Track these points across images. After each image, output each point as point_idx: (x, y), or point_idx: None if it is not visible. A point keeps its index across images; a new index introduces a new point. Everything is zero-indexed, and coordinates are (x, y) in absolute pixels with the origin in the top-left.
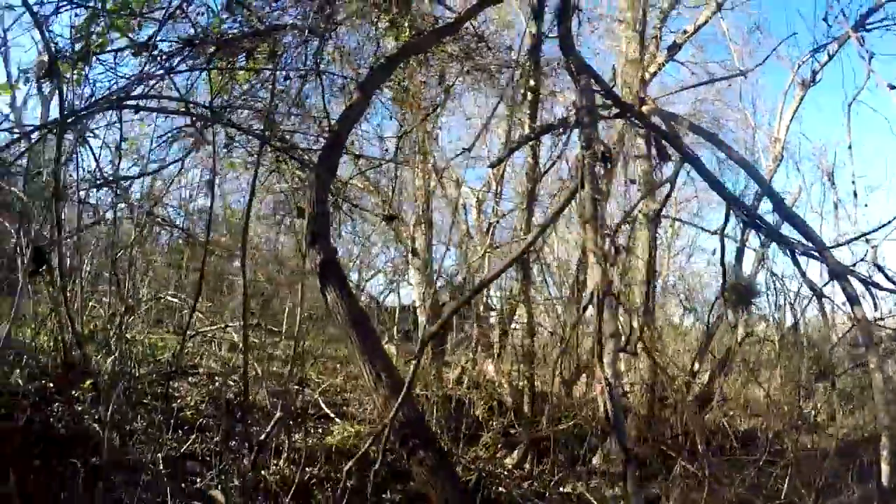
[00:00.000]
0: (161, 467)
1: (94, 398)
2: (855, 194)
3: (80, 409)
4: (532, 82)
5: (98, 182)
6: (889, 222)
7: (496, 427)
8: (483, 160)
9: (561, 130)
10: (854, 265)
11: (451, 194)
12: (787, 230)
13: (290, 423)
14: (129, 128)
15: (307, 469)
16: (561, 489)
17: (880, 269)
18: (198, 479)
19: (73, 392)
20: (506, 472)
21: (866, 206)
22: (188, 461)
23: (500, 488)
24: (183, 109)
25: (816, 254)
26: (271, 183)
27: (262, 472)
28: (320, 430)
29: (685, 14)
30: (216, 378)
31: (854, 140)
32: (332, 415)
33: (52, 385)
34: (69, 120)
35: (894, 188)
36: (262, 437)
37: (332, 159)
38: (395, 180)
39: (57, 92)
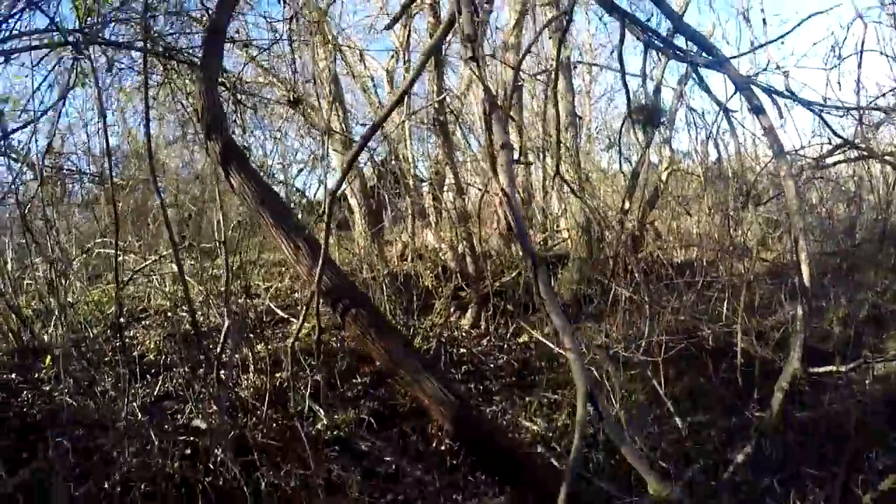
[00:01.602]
0: (140, 416)
1: (56, 374)
2: (764, 22)
3: (48, 388)
4: None
5: None
6: (786, 34)
7: (445, 293)
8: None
9: None
10: (755, 75)
11: (358, 71)
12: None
13: (249, 334)
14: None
15: (276, 374)
16: (518, 339)
17: (791, 93)
18: (178, 416)
19: (36, 374)
20: (463, 334)
21: (783, 43)
22: (164, 401)
23: (461, 349)
24: (56, 41)
25: (718, 66)
26: (171, 102)
27: (234, 388)
28: (280, 335)
29: None
30: (168, 314)
31: None
32: (287, 316)
33: (14, 375)
34: None
35: (809, 23)
36: (219, 352)
37: (215, 49)
38: (294, 62)
39: None
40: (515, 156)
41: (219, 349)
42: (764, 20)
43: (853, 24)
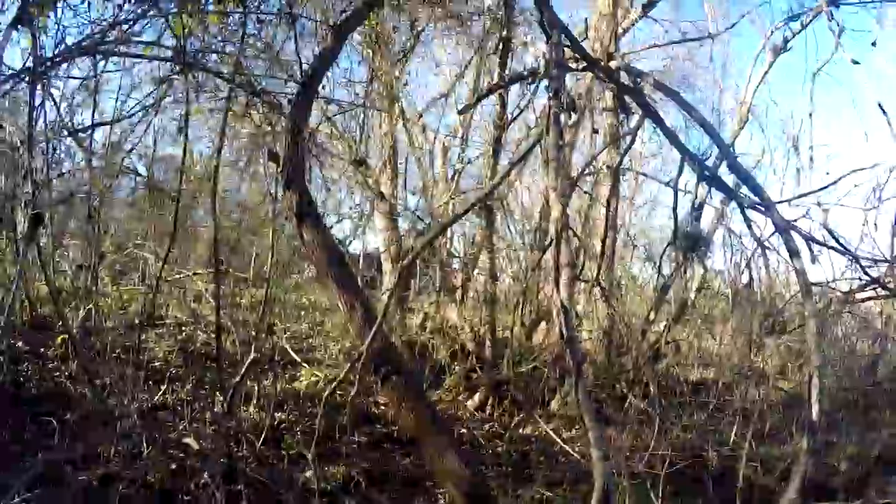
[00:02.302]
0: (135, 419)
1: (62, 355)
2: (811, 160)
3: (50, 365)
4: (504, 32)
5: (69, 130)
6: (831, 184)
7: (458, 371)
8: (450, 107)
9: (529, 80)
10: (796, 220)
11: (418, 141)
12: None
13: (260, 369)
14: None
15: (276, 414)
16: (521, 430)
17: (829, 230)
18: (171, 429)
19: (43, 349)
20: (468, 415)
21: (827, 173)
22: (160, 411)
23: (463, 429)
24: (157, 56)
25: (763, 208)
26: (238, 128)
27: (234, 417)
28: (287, 376)
29: None
30: (183, 328)
31: (820, 109)
32: (300, 360)
33: (20, 344)
34: (42, 68)
35: (853, 157)
36: (237, 380)
37: (306, 103)
38: (364, 125)
39: (31, 38)
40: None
41: (239, 377)
42: (811, 157)
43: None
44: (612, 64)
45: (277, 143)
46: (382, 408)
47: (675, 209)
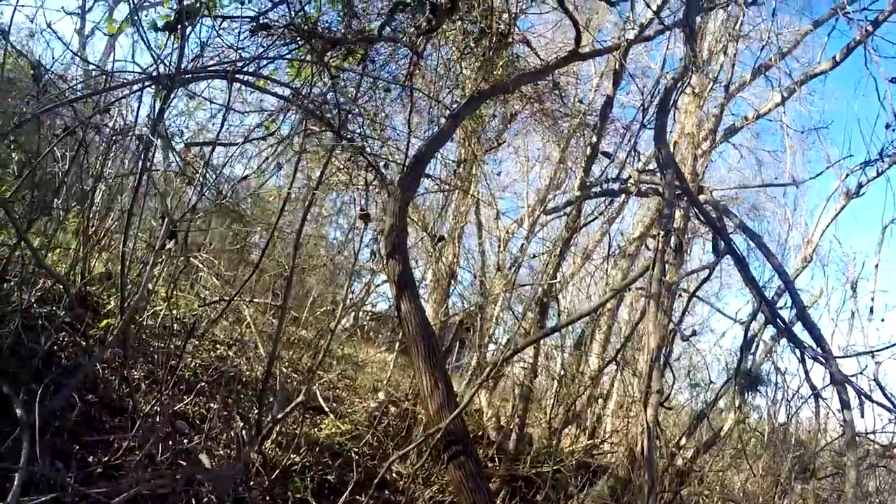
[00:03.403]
0: (157, 420)
1: (101, 338)
2: (871, 310)
3: (84, 344)
4: (594, 139)
5: (187, 142)
6: (892, 345)
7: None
8: (520, 196)
9: (617, 194)
10: (853, 376)
11: (487, 224)
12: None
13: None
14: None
15: (292, 455)
16: None
17: (879, 384)
18: (185, 440)
19: (82, 326)
20: None
21: (883, 321)
22: (179, 420)
23: None
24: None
25: (823, 359)
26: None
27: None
28: (308, 422)
29: (747, 96)
30: (219, 346)
31: (885, 258)
32: (326, 409)
33: (63, 313)
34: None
35: None
36: (280, 417)
37: (417, 178)
38: (447, 204)
39: (177, 46)
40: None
41: (281, 416)
42: (871, 308)
43: None
44: (702, 197)
45: (366, 202)
46: (394, 475)
47: (742, 349)
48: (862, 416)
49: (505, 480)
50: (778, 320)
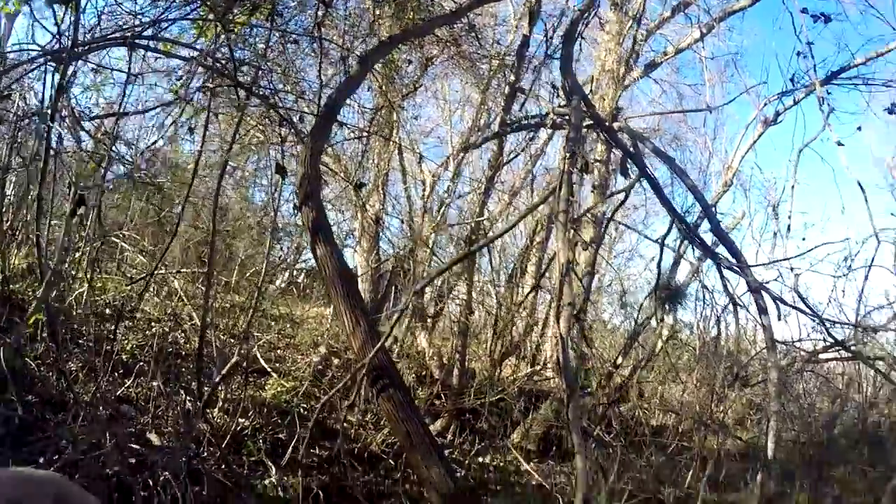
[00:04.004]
0: (99, 409)
1: (32, 335)
2: (788, 228)
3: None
4: (513, 78)
5: (90, 116)
6: (804, 252)
7: (422, 396)
8: (445, 142)
9: (533, 129)
10: (767, 282)
11: (411, 170)
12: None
13: (227, 374)
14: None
15: (240, 420)
16: (480, 459)
17: (798, 294)
18: (133, 423)
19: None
20: None
21: (803, 240)
22: (123, 404)
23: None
24: (190, 56)
25: (738, 269)
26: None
27: (204, 419)
28: (254, 384)
29: (667, 33)
30: (154, 324)
31: (803, 180)
32: (269, 370)
33: None
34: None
35: (829, 227)
36: (216, 381)
37: (327, 127)
38: (367, 150)
39: (72, 19)
40: None
41: (217, 379)
42: (789, 226)
43: (867, 241)
44: (616, 124)
45: (283, 157)
46: (345, 424)
47: (659, 264)
48: (779, 319)
49: (452, 414)
50: (693, 235)
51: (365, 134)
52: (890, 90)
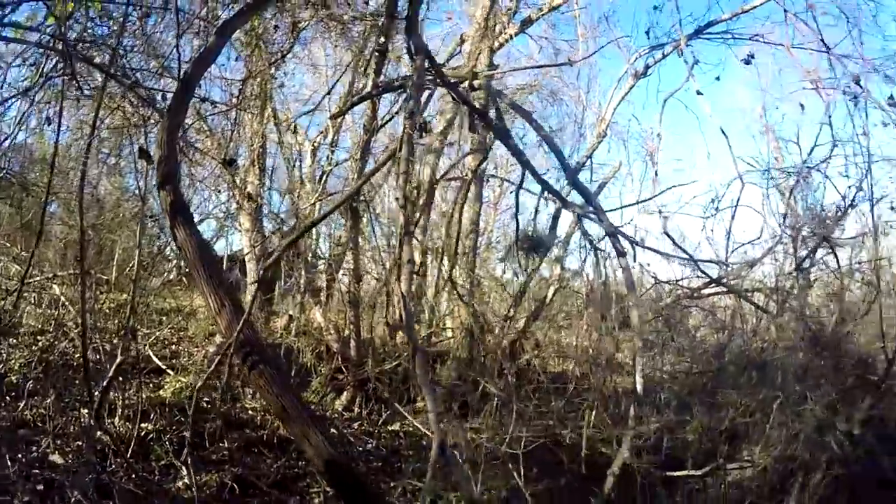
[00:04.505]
0: None
1: None
2: (656, 174)
3: None
4: (382, 40)
5: None
6: (654, 196)
7: (324, 372)
8: (324, 109)
9: (400, 91)
10: (622, 226)
11: (288, 141)
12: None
13: (121, 378)
14: None
15: (143, 424)
16: (388, 427)
17: (668, 235)
18: (34, 447)
19: None
20: (336, 415)
21: (681, 185)
22: (20, 430)
23: (332, 430)
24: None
25: (594, 216)
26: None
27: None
28: (151, 384)
29: None
30: (38, 337)
31: (676, 130)
32: (164, 367)
33: None
34: None
35: (700, 172)
36: (104, 385)
37: (184, 104)
38: (236, 125)
39: None
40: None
41: (105, 384)
42: (656, 172)
43: (732, 183)
44: (476, 82)
45: (147, 140)
46: (250, 412)
47: (516, 215)
48: (634, 260)
49: (356, 387)
50: (546, 185)
51: (227, 108)
52: (756, 44)
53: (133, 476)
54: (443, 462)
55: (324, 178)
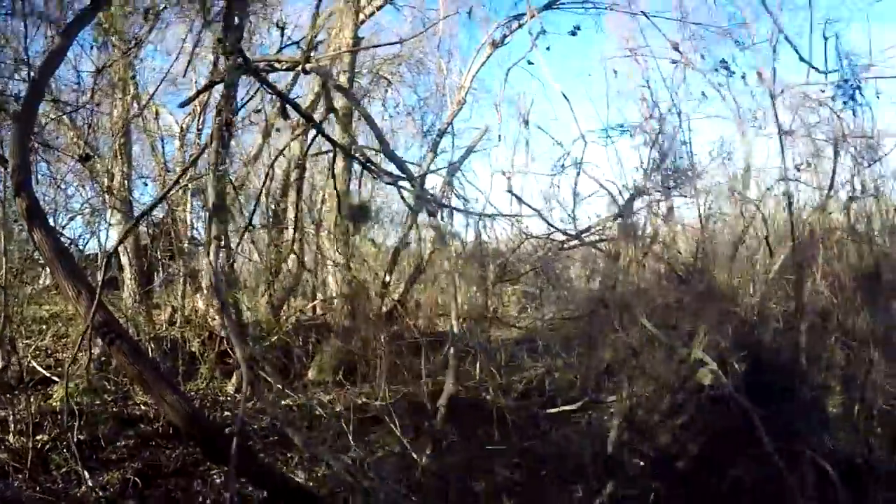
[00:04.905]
0: None
1: None
2: (500, 137)
3: None
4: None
5: None
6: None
7: (210, 358)
8: (188, 89)
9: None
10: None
11: (151, 126)
12: None
13: (8, 395)
14: None
15: (38, 437)
16: (282, 403)
17: (514, 194)
18: None
19: None
20: (229, 398)
21: (561, 144)
22: None
23: (226, 412)
24: None
25: (407, 181)
26: None
27: None
28: (41, 395)
29: None
30: None
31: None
32: (49, 375)
33: None
34: None
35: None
36: None
37: (34, 109)
38: (91, 119)
39: None
40: None
41: None
42: (500, 136)
43: (576, 142)
44: (309, 66)
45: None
46: (143, 407)
47: (335, 186)
48: (442, 219)
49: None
50: (350, 155)
51: (79, 106)
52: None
53: (37, 489)
54: None
55: (193, 161)
